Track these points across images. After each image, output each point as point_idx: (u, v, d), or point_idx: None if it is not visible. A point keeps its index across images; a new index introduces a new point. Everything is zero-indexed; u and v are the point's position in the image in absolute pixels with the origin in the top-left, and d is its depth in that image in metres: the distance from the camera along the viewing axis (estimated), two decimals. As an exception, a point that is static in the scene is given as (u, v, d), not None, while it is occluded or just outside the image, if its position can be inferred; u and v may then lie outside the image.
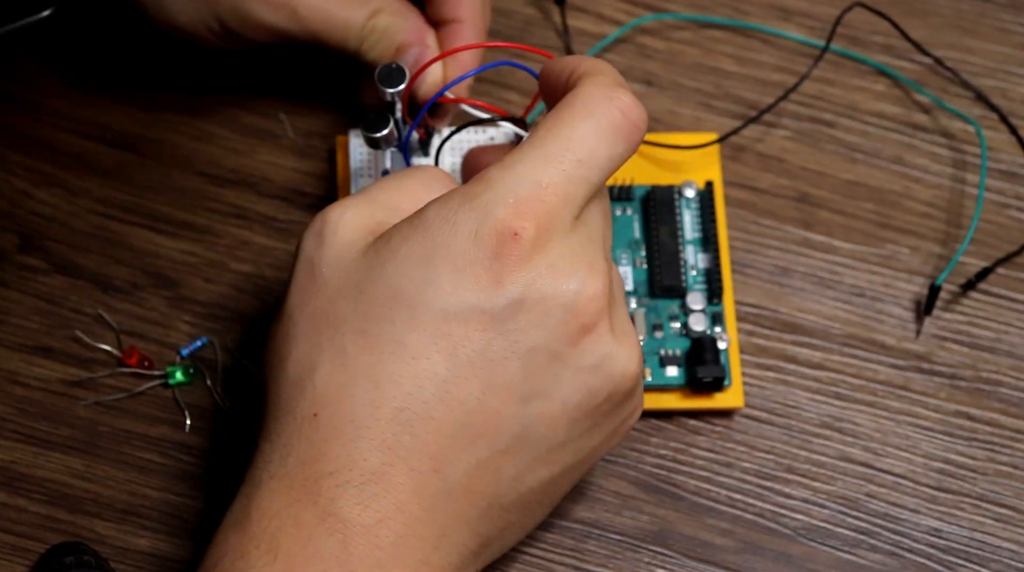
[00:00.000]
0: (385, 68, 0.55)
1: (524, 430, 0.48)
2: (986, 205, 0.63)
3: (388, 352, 0.47)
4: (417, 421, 0.47)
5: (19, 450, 0.57)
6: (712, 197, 0.60)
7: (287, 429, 0.48)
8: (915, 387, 0.60)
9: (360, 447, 0.47)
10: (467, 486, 0.47)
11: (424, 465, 0.47)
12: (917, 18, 0.65)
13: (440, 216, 0.48)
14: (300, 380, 0.48)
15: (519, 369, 0.47)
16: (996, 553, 0.58)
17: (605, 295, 0.48)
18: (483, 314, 0.47)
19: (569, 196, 0.48)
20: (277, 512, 0.46)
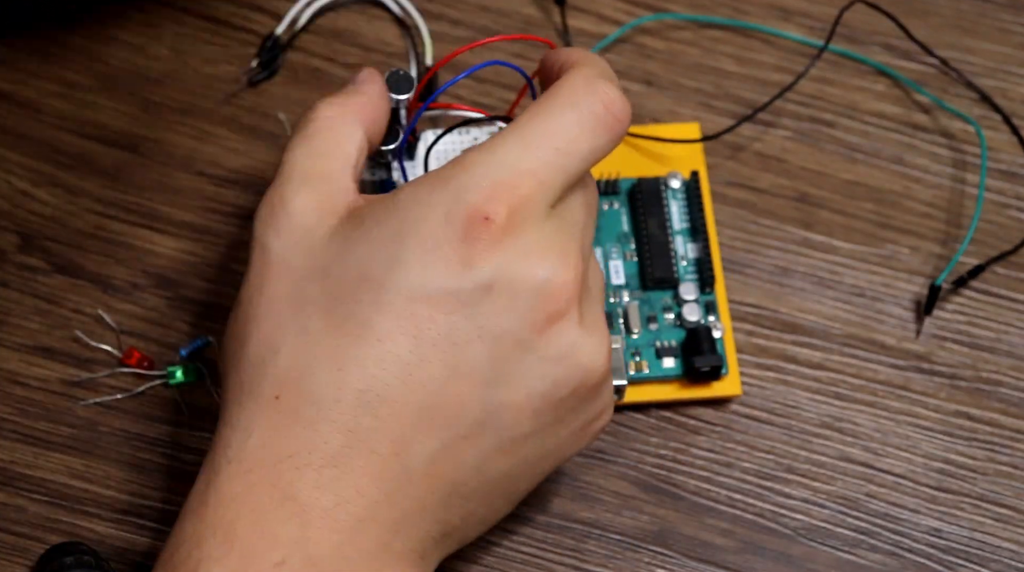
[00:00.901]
0: (393, 74, 0.55)
1: (487, 416, 0.47)
2: (986, 205, 0.63)
3: (354, 334, 0.47)
4: (379, 403, 0.46)
5: (19, 450, 0.57)
6: (698, 187, 0.60)
7: (248, 412, 0.47)
8: (915, 387, 0.60)
9: (321, 429, 0.46)
10: (428, 471, 0.47)
11: (385, 448, 0.46)
12: (917, 18, 0.65)
13: (413, 197, 0.47)
14: (262, 361, 0.48)
15: (484, 353, 0.47)
16: (996, 553, 0.58)
17: (575, 284, 0.48)
18: (450, 296, 0.46)
19: (545, 184, 0.47)
20: (235, 497, 0.46)
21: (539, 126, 0.48)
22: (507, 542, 0.57)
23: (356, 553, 0.46)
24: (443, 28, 0.64)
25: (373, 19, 0.65)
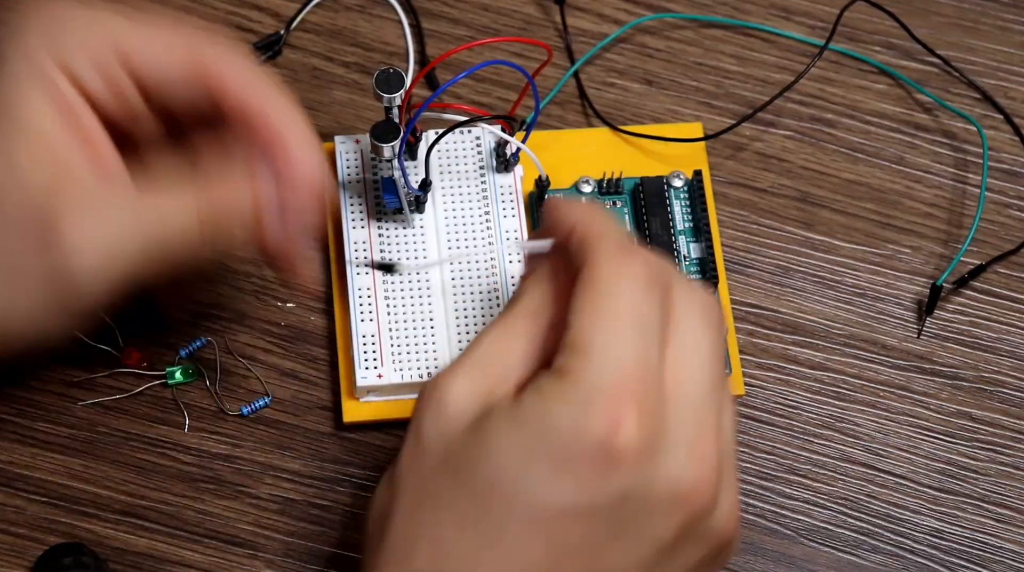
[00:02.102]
0: (383, 73, 0.55)
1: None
2: (988, 205, 0.63)
3: (486, 541, 0.45)
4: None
5: (18, 450, 0.57)
6: (701, 187, 0.60)
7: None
8: (916, 387, 0.60)
9: None
10: None
11: None
12: (918, 17, 0.65)
13: (537, 409, 0.45)
14: (398, 556, 0.46)
15: (621, 556, 0.46)
16: (998, 554, 0.58)
17: (711, 478, 0.46)
18: (584, 509, 0.45)
19: (647, 366, 0.45)
20: None
21: (610, 312, 0.46)
22: (507, 543, 0.57)
23: None
24: (443, 27, 0.64)
25: (373, 18, 0.64)
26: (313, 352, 0.59)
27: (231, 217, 0.50)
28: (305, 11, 0.63)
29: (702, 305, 0.48)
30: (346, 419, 0.58)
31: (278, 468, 0.57)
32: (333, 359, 0.59)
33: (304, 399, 0.58)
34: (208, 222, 0.50)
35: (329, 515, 0.57)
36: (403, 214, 0.59)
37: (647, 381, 0.46)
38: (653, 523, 0.46)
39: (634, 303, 0.46)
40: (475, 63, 0.56)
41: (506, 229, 0.59)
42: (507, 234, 0.59)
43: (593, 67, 0.64)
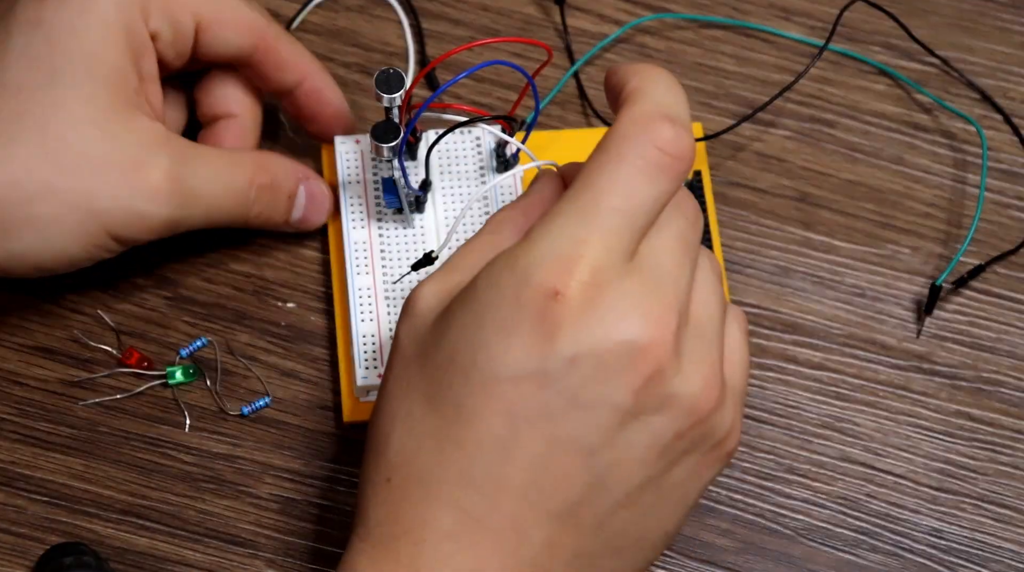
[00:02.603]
0: (383, 73, 0.55)
1: (595, 480, 0.47)
2: (987, 205, 0.63)
3: (449, 415, 0.47)
4: (483, 481, 0.46)
5: (19, 450, 0.57)
6: (700, 187, 0.60)
7: (367, 494, 0.48)
8: (916, 387, 0.60)
9: (431, 508, 0.47)
10: (547, 541, 0.47)
11: (497, 524, 0.46)
12: (918, 17, 0.65)
13: (486, 282, 0.47)
14: (377, 447, 0.48)
15: (580, 424, 0.46)
16: (997, 553, 0.58)
17: (665, 338, 0.46)
18: (536, 374, 0.46)
19: (611, 246, 0.46)
20: (364, 570, 0.47)
21: (593, 188, 0.47)
22: (507, 542, 0.57)
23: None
24: (443, 28, 0.64)
25: (373, 19, 0.65)
26: (313, 352, 0.59)
27: (280, 190, 0.58)
28: (305, 12, 0.63)
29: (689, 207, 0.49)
30: (346, 419, 0.58)
31: (279, 468, 0.57)
32: (333, 359, 0.59)
33: (304, 399, 0.58)
34: (260, 186, 0.57)
35: (329, 515, 0.57)
36: (403, 214, 0.59)
37: (606, 258, 0.46)
38: (607, 385, 0.46)
39: (628, 184, 0.47)
40: (475, 63, 0.56)
41: (506, 229, 0.59)
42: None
43: (593, 67, 0.64)
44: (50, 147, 0.52)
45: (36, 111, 0.52)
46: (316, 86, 0.59)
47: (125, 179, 0.53)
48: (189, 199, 0.55)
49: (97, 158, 0.53)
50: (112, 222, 0.53)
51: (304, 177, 0.58)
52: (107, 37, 0.53)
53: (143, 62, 0.55)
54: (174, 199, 0.54)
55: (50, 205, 0.52)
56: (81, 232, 0.53)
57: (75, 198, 0.53)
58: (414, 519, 0.47)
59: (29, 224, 0.52)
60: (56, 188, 0.52)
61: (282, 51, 0.58)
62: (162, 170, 0.54)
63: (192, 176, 0.55)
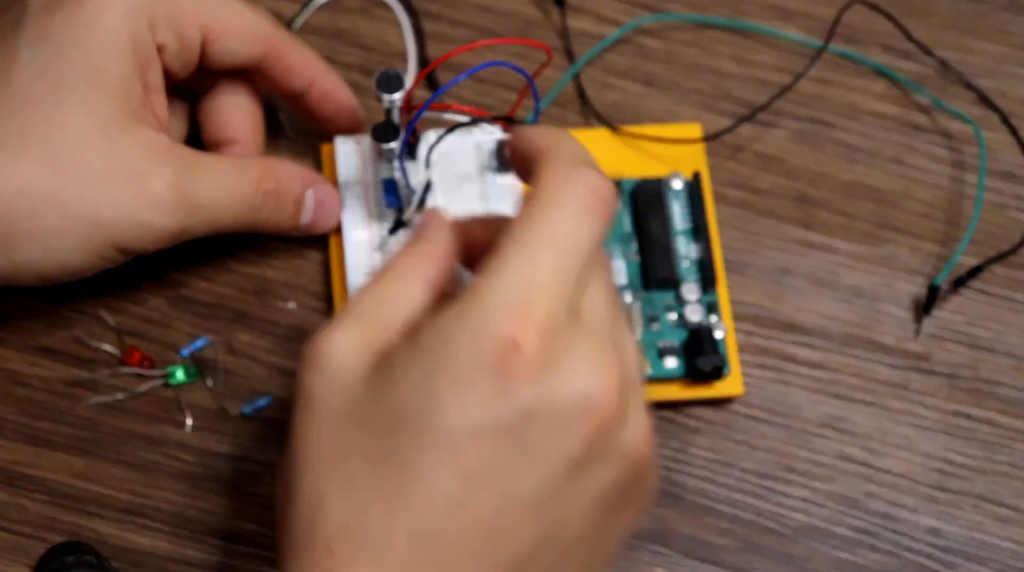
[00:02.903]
0: (383, 74, 0.55)
1: (544, 532, 0.47)
2: (985, 205, 0.63)
3: (398, 476, 0.46)
4: (434, 542, 0.46)
5: (20, 450, 0.57)
6: (700, 187, 0.60)
7: (304, 565, 0.46)
8: (914, 387, 0.60)
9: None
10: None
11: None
12: (916, 18, 0.65)
13: (435, 336, 0.46)
14: (312, 514, 0.47)
15: (534, 477, 0.46)
16: (995, 552, 0.58)
17: (616, 390, 0.46)
18: (491, 429, 0.45)
19: (562, 291, 0.46)
20: None
21: (536, 234, 0.47)
22: (507, 541, 0.57)
23: None
24: (443, 28, 0.65)
25: (373, 19, 0.65)
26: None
27: (286, 195, 0.57)
28: (306, 13, 0.63)
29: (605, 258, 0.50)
30: (347, 419, 0.58)
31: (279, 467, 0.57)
32: (334, 359, 0.59)
33: (305, 398, 0.58)
34: (266, 192, 0.56)
35: (330, 514, 0.57)
36: (404, 215, 0.59)
37: (557, 302, 0.46)
38: (561, 438, 0.46)
39: (572, 226, 0.47)
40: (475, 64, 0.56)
41: (507, 230, 0.59)
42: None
43: (593, 68, 0.64)
44: (55, 159, 0.52)
45: (42, 123, 0.52)
46: (326, 88, 0.59)
47: (130, 190, 0.53)
48: (194, 209, 0.54)
49: (102, 170, 0.53)
50: (117, 233, 0.53)
51: (312, 182, 0.58)
52: (113, 50, 0.53)
53: (149, 74, 0.55)
54: (179, 209, 0.54)
55: (55, 217, 0.52)
56: (86, 243, 0.53)
57: (80, 210, 0.53)
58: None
59: (33, 235, 0.52)
60: (61, 200, 0.52)
61: (290, 57, 0.58)
62: (166, 181, 0.54)
63: (197, 185, 0.54)
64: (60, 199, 0.52)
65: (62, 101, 0.53)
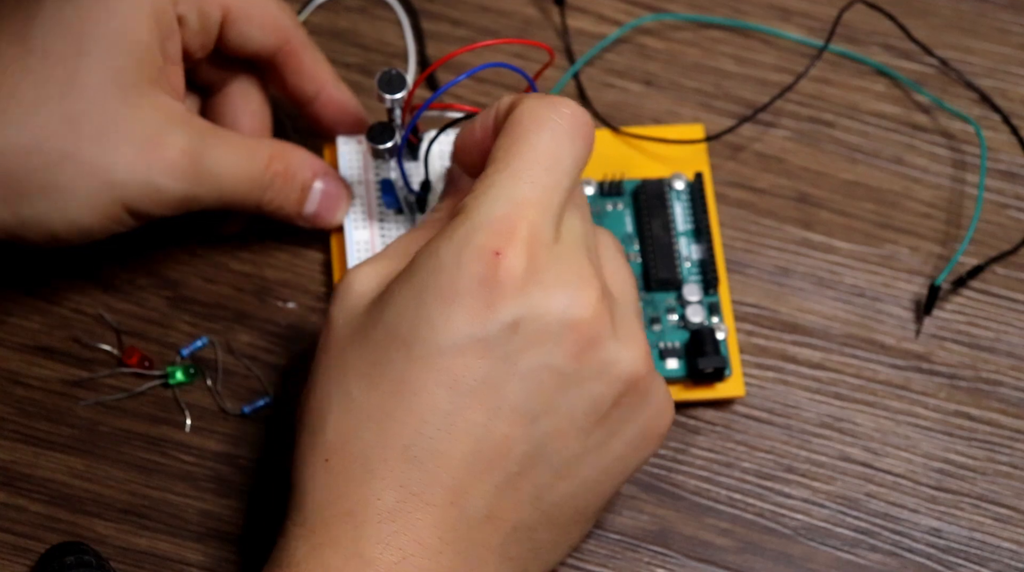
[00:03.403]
0: (385, 74, 0.55)
1: (536, 449, 0.48)
2: (986, 205, 0.63)
3: (390, 391, 0.47)
4: (426, 456, 0.47)
5: (19, 450, 0.57)
6: (702, 188, 0.60)
7: (303, 477, 0.48)
8: (915, 387, 0.60)
9: (373, 487, 0.47)
10: (488, 514, 0.47)
11: (439, 498, 0.47)
12: (917, 18, 0.65)
13: (425, 254, 0.48)
14: (313, 430, 0.49)
15: (522, 390, 0.47)
16: (996, 553, 0.58)
17: (599, 302, 0.48)
18: (478, 342, 0.47)
19: (546, 206, 0.48)
20: (303, 558, 0.47)
21: (520, 154, 0.48)
22: (507, 542, 0.57)
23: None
24: (443, 28, 0.64)
25: (373, 19, 0.65)
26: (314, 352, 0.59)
27: (294, 178, 0.57)
28: (306, 12, 0.63)
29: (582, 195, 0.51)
30: (347, 419, 0.58)
31: (279, 467, 0.57)
32: (334, 359, 0.59)
33: (305, 399, 0.58)
34: (274, 173, 0.56)
35: (330, 514, 0.57)
36: (404, 215, 0.59)
37: (541, 219, 0.47)
38: (547, 350, 0.47)
39: (552, 146, 0.48)
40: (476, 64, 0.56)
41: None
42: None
43: (593, 68, 0.64)
44: (72, 116, 0.52)
45: (61, 79, 0.52)
46: (334, 98, 0.59)
47: (144, 153, 0.53)
48: (205, 177, 0.55)
49: (118, 130, 0.53)
50: (128, 195, 0.53)
51: (322, 172, 0.58)
52: (137, 14, 0.53)
53: (169, 43, 0.55)
54: (190, 176, 0.54)
55: (67, 173, 0.52)
56: (96, 202, 0.53)
57: (93, 168, 0.53)
58: (355, 500, 0.47)
59: (45, 191, 0.52)
60: (75, 157, 0.52)
61: (304, 58, 0.58)
62: (180, 147, 0.54)
63: (210, 155, 0.55)
64: (74, 156, 0.52)
65: (82, 60, 0.53)
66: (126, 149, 0.53)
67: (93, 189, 0.53)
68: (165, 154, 0.53)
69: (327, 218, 0.59)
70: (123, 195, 0.53)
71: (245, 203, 0.56)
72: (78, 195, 0.53)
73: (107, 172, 0.53)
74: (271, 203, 0.57)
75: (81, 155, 0.52)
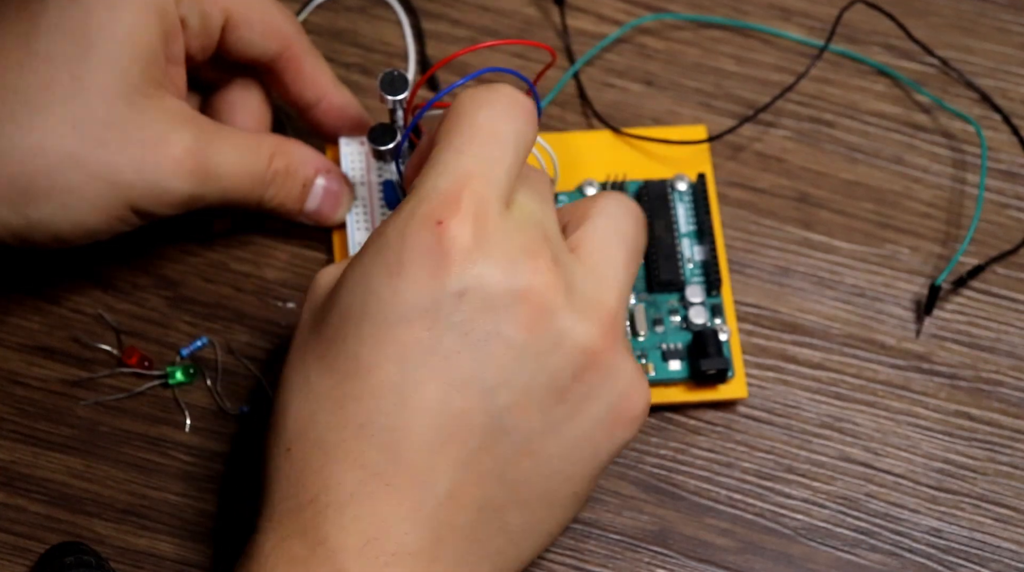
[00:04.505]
0: (387, 75, 0.55)
1: (495, 422, 0.47)
2: (986, 205, 0.63)
3: (344, 372, 0.47)
4: (382, 434, 0.46)
5: (19, 450, 0.57)
6: (704, 189, 0.60)
7: (269, 470, 0.48)
8: (915, 387, 0.60)
9: (333, 471, 0.46)
10: (451, 491, 0.47)
11: (400, 478, 0.46)
12: (917, 18, 0.65)
13: (373, 234, 0.48)
14: (276, 422, 0.49)
15: (475, 361, 0.47)
16: (996, 553, 0.58)
17: (550, 272, 0.47)
18: (426, 312, 0.46)
19: (490, 179, 0.48)
20: (271, 551, 0.47)
21: (462, 131, 0.49)
22: (507, 542, 0.57)
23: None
24: (443, 28, 0.64)
25: (373, 19, 0.65)
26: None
27: (296, 175, 0.57)
28: (306, 12, 0.63)
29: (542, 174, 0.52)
30: (347, 419, 0.58)
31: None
32: (334, 359, 0.59)
33: (305, 399, 0.58)
34: (276, 169, 0.56)
35: (330, 514, 0.57)
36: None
37: (485, 190, 0.47)
38: (496, 319, 0.47)
39: (490, 121, 0.49)
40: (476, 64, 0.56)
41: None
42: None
43: (593, 68, 0.64)
44: (77, 118, 0.52)
45: (65, 81, 0.52)
46: (335, 104, 0.59)
47: (149, 153, 0.53)
48: (210, 176, 0.55)
49: (123, 132, 0.53)
50: (134, 195, 0.53)
51: (324, 169, 0.58)
52: (142, 16, 0.54)
53: (172, 45, 0.55)
54: (196, 175, 0.54)
55: (73, 175, 0.52)
56: (102, 203, 0.53)
57: (98, 169, 0.53)
58: (317, 485, 0.47)
59: (51, 193, 0.52)
60: (80, 159, 0.52)
61: (306, 65, 0.58)
62: (185, 146, 0.54)
63: (214, 154, 0.55)
64: (79, 158, 0.52)
65: (88, 62, 0.53)
66: (132, 150, 0.53)
67: (100, 191, 0.53)
68: (171, 154, 0.54)
69: (329, 215, 0.59)
70: (129, 196, 0.53)
71: (247, 200, 0.56)
72: (85, 197, 0.53)
73: (113, 174, 0.53)
74: (273, 199, 0.57)
75: (87, 157, 0.52)
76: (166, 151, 0.53)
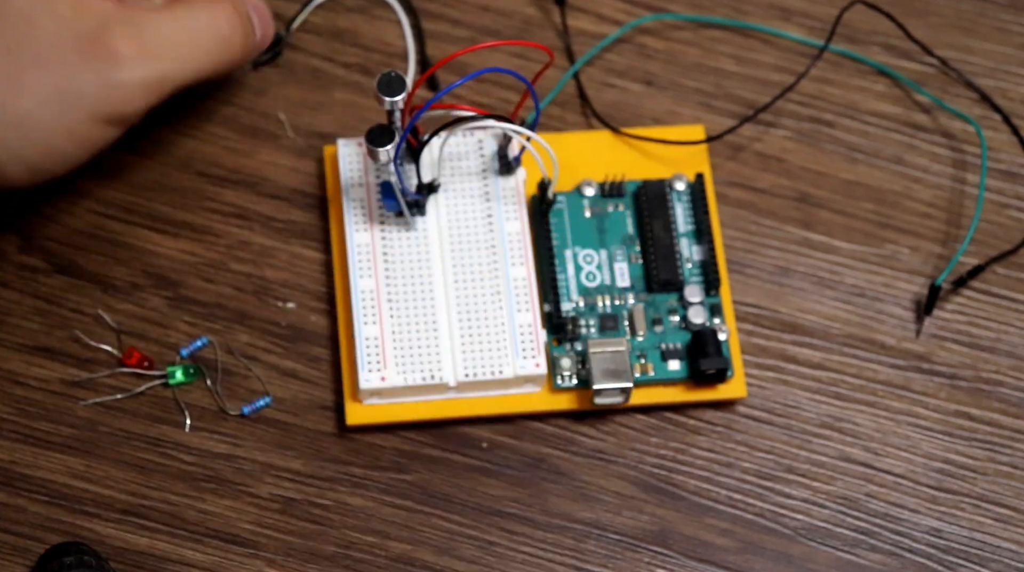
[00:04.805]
0: (385, 76, 0.55)
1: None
2: (986, 205, 0.63)
3: None
4: None
5: (19, 450, 0.57)
6: (703, 189, 0.60)
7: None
8: (915, 387, 0.60)
9: None
10: None
11: None
12: (917, 18, 0.65)
13: None
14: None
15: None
16: (996, 553, 0.58)
17: None
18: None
19: None
20: None
21: None
22: (507, 541, 0.57)
23: None
24: (443, 28, 0.64)
25: (373, 19, 0.65)
26: (313, 352, 0.59)
27: (242, 14, 0.57)
28: (306, 12, 0.63)
29: None
30: (349, 422, 0.57)
31: (279, 468, 0.57)
32: (334, 359, 0.59)
33: (305, 399, 0.58)
34: (237, 23, 0.56)
35: (330, 514, 0.57)
36: (404, 217, 0.59)
37: None
38: None
39: None
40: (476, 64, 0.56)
41: (509, 231, 0.59)
42: (510, 237, 0.59)
43: (593, 68, 0.64)
44: (8, 44, 0.52)
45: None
46: None
47: (87, 56, 0.53)
48: (157, 53, 0.54)
49: (56, 45, 0.53)
50: (91, 101, 0.53)
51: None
52: None
53: None
54: (144, 58, 0.54)
55: (23, 100, 0.52)
56: (63, 120, 0.53)
57: (46, 86, 0.52)
58: None
59: (7, 124, 0.52)
60: (24, 82, 0.52)
61: None
62: (120, 36, 0.53)
63: (154, 31, 0.54)
64: (23, 81, 0.52)
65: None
66: (73, 59, 0.53)
67: (55, 108, 0.52)
68: (110, 47, 0.53)
69: (267, 38, 0.59)
70: (88, 104, 0.53)
71: (216, 63, 0.56)
72: (42, 119, 0.52)
73: (62, 86, 0.52)
74: (238, 48, 0.57)
75: (29, 78, 0.52)
76: (103, 47, 0.53)
